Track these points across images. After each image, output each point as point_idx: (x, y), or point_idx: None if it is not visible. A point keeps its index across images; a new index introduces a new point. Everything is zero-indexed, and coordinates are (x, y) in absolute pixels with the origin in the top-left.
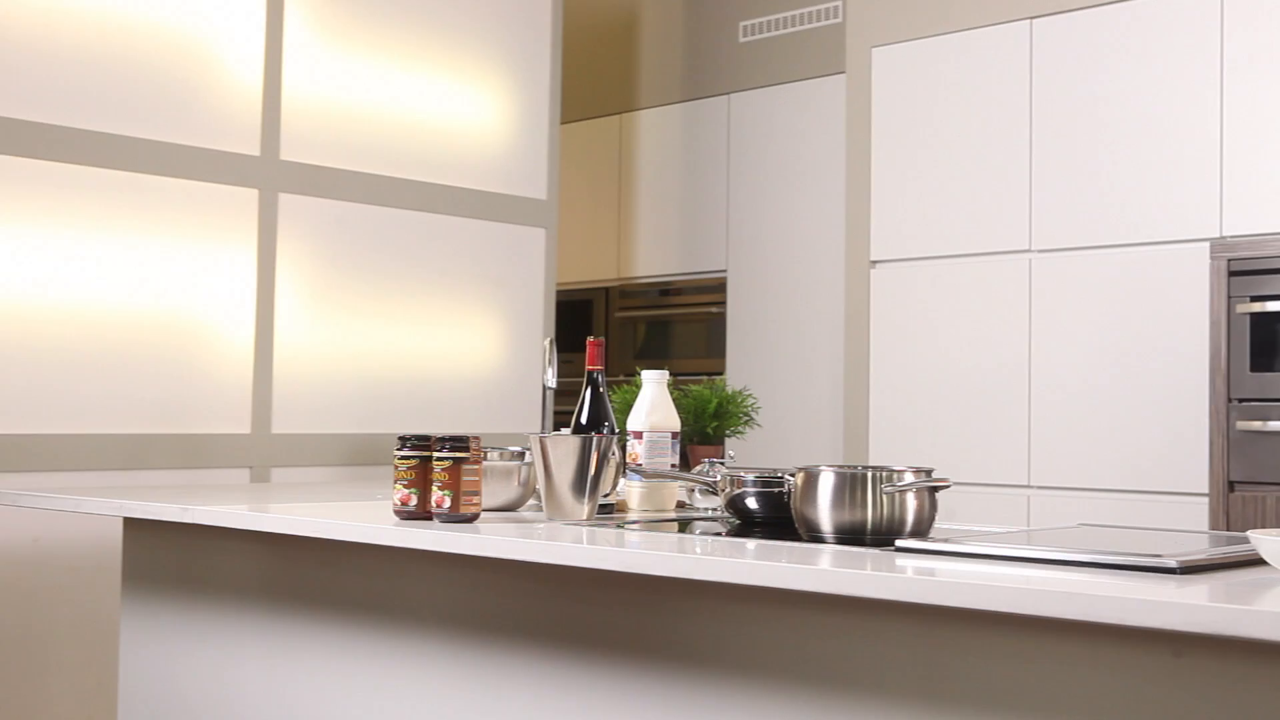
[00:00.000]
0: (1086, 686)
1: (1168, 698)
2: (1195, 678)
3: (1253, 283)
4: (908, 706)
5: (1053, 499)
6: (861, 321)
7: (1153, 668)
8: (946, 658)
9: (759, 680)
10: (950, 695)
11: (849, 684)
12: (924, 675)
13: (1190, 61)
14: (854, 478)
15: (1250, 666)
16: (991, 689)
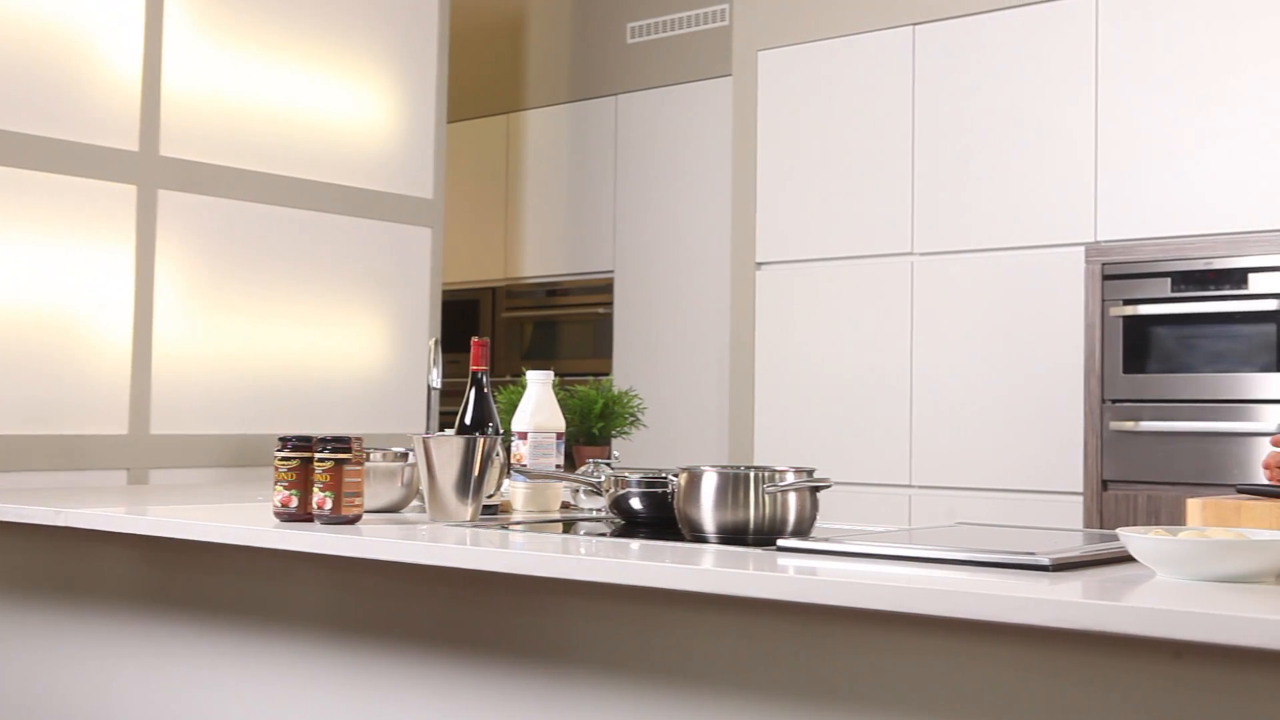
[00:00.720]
0: (965, 682)
1: (1042, 693)
2: (1067, 673)
3: (1125, 286)
4: (790, 705)
5: (933, 498)
6: (747, 323)
7: (1027, 663)
8: (828, 656)
9: (644, 680)
10: (832, 693)
11: (733, 683)
12: (806, 674)
13: (1066, 69)
14: (736, 478)
15: (1118, 661)
16: (872, 686)
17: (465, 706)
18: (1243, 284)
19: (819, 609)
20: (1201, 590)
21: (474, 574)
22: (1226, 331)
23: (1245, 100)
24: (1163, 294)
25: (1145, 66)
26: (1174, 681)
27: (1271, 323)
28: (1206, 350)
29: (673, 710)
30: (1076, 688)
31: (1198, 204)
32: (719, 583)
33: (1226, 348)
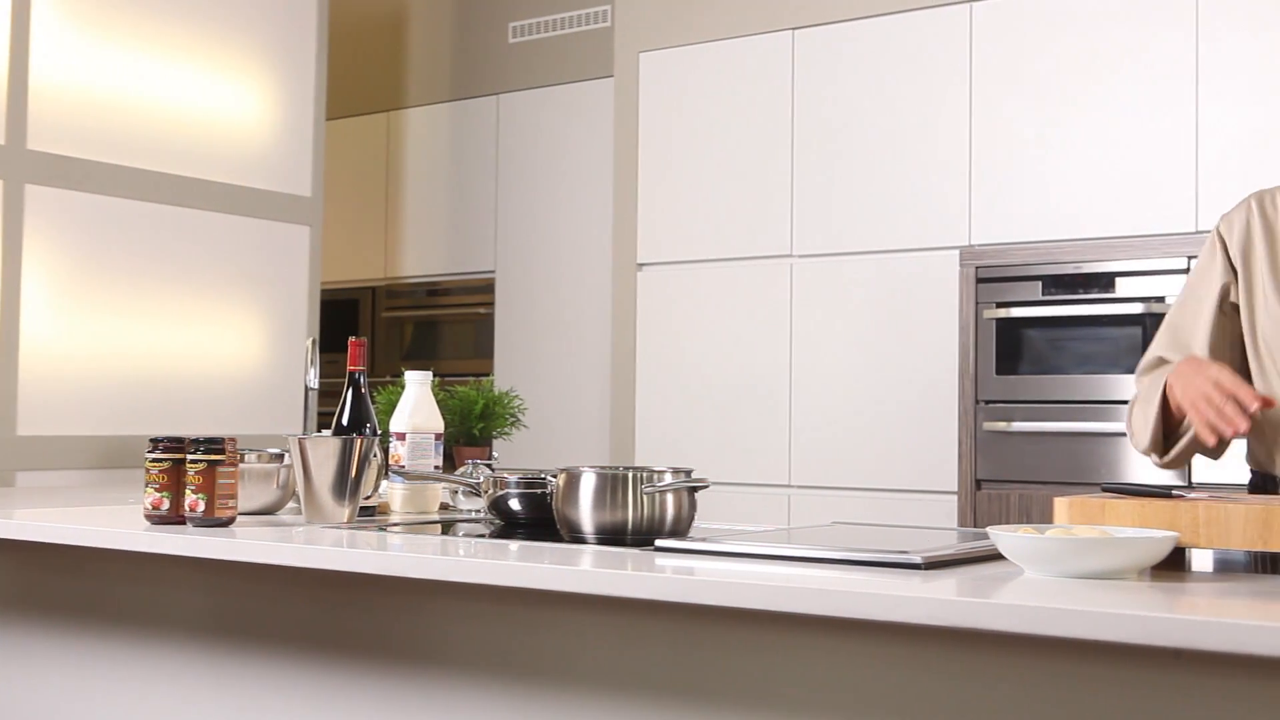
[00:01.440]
0: (841, 680)
1: (916, 689)
2: (939, 669)
3: (999, 289)
4: (668, 704)
5: (812, 498)
6: (628, 323)
7: (902, 660)
8: (705, 655)
9: (523, 681)
10: (710, 692)
11: (611, 683)
12: (684, 673)
13: (941, 76)
14: (614, 479)
15: (990, 657)
16: (749, 685)
17: (342, 710)
18: (1110, 288)
19: (696, 609)
20: (1067, 587)
21: (351, 576)
22: (1095, 334)
23: (1114, 109)
24: (1034, 297)
25: (1018, 74)
26: (1041, 677)
27: (1137, 326)
28: (1076, 352)
29: (551, 711)
30: (948, 683)
31: (1068, 210)
32: (597, 583)
33: (1095, 350)
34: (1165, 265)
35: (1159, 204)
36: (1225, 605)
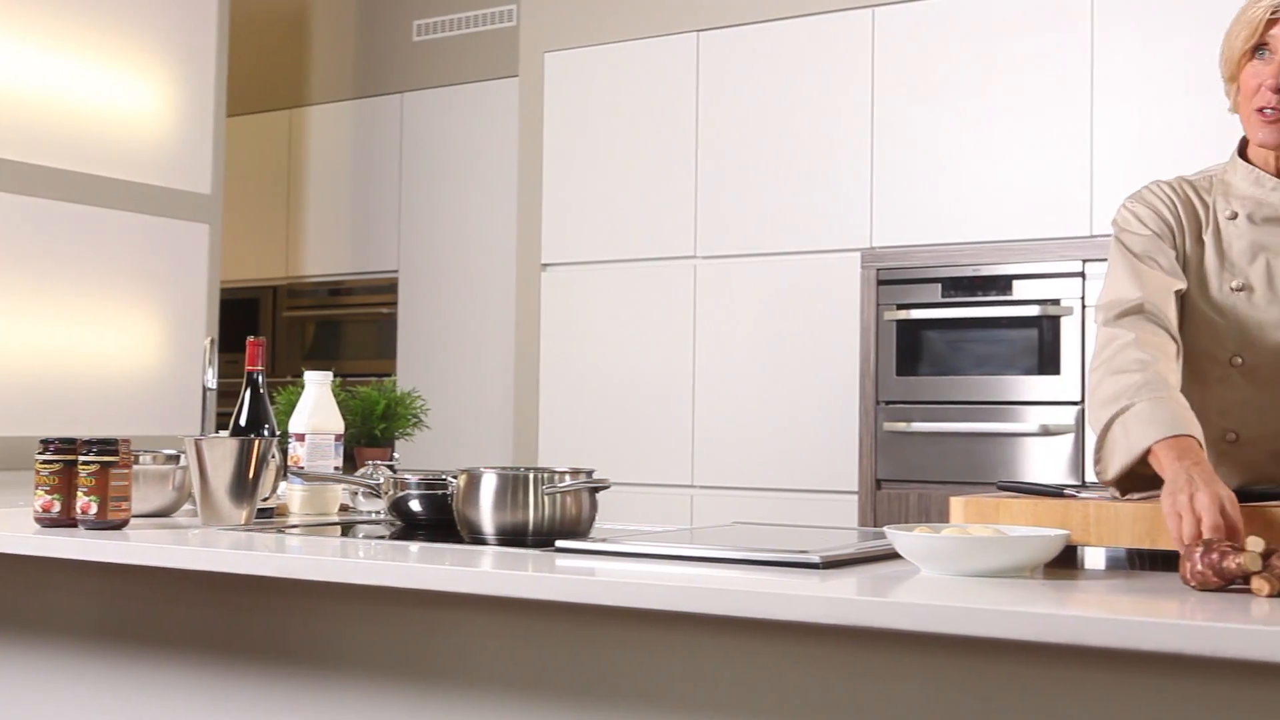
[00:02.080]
0: (741, 679)
1: (815, 687)
2: (837, 668)
3: (899, 291)
4: (570, 705)
5: (715, 498)
6: (532, 323)
7: (801, 659)
8: (606, 656)
9: (424, 683)
10: (611, 693)
11: (512, 685)
12: (585, 674)
13: (844, 80)
14: (515, 479)
15: (886, 655)
16: (650, 685)
17: (241, 715)
18: (1008, 290)
19: (597, 609)
20: (962, 585)
21: (248, 579)
22: (993, 336)
23: (1012, 114)
24: (933, 299)
25: (919, 79)
26: (937, 674)
27: (1034, 328)
28: (974, 354)
29: (452, 713)
30: (846, 682)
31: (967, 213)
32: (497, 584)
33: (993, 351)
34: (1061, 268)
35: (1055, 208)
36: (1114, 602)
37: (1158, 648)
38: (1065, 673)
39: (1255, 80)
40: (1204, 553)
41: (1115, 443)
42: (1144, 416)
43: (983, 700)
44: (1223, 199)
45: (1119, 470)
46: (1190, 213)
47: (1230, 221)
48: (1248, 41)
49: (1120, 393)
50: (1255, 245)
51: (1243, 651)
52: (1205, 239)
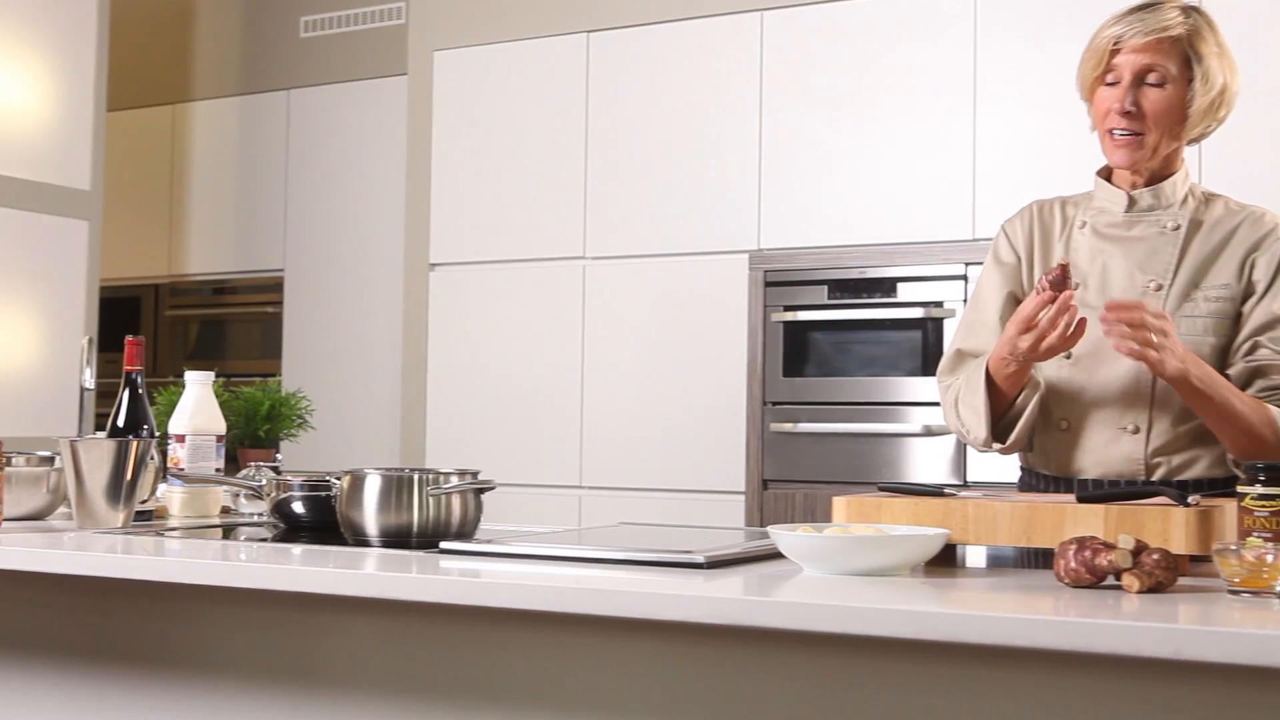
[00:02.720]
0: (626, 680)
1: (700, 687)
2: (723, 667)
3: (786, 293)
4: (455, 707)
5: (604, 499)
6: (420, 324)
7: (687, 658)
8: (492, 657)
9: (307, 687)
10: (496, 694)
11: (397, 687)
12: (471, 676)
13: (733, 82)
14: (399, 480)
15: (770, 654)
16: (536, 686)
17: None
18: (893, 292)
19: (482, 611)
20: (843, 584)
21: (125, 583)
22: (878, 337)
23: (898, 119)
24: (820, 301)
25: (806, 83)
26: (819, 672)
27: (918, 330)
28: (860, 355)
29: (337, 716)
30: (731, 680)
31: (853, 216)
32: (381, 587)
33: (878, 353)
34: (945, 271)
35: (939, 212)
36: (992, 600)
37: (1032, 644)
38: (945, 670)
39: (1105, 105)
40: (1077, 550)
41: (965, 404)
42: (969, 372)
43: (865, 698)
44: (1082, 211)
45: (985, 417)
46: (1045, 230)
47: (1080, 230)
48: (1096, 69)
49: (955, 391)
50: (1096, 249)
51: (1113, 647)
52: (1057, 246)
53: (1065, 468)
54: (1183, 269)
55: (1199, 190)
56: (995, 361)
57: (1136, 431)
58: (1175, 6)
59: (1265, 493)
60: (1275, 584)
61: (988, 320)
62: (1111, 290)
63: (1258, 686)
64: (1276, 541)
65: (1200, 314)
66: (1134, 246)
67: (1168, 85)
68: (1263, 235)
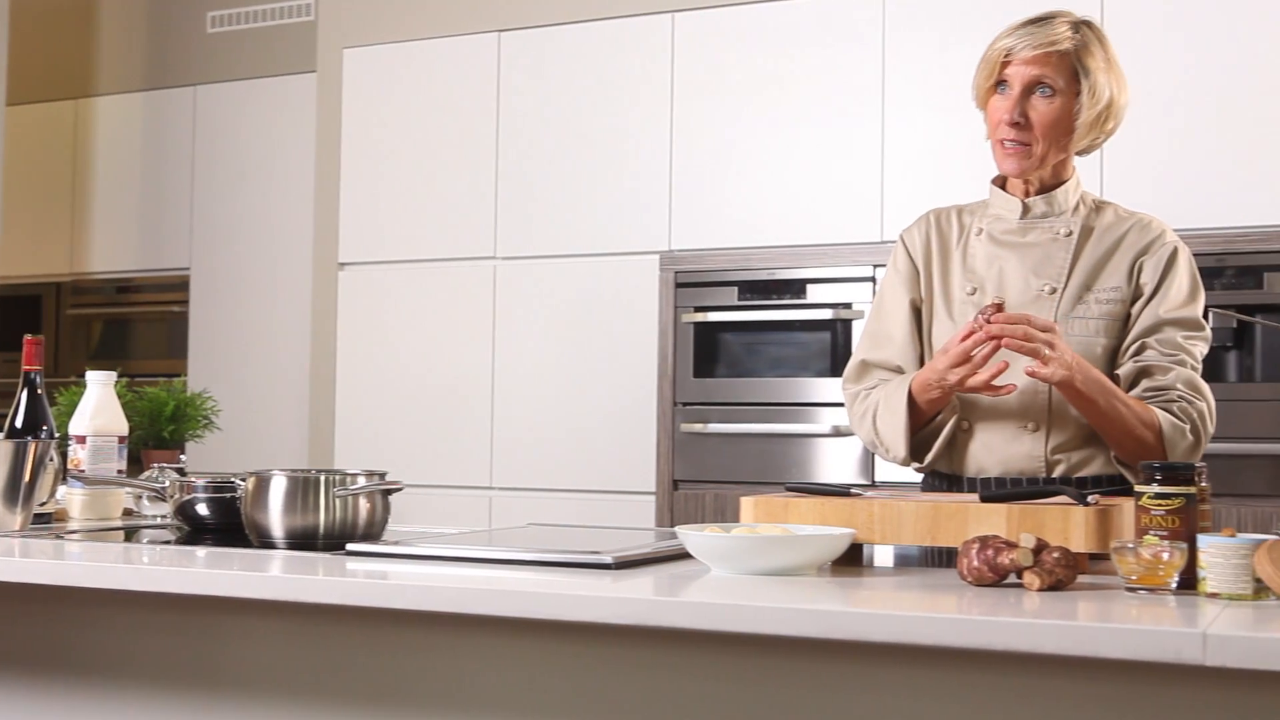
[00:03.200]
0: (535, 681)
1: (608, 687)
2: (631, 667)
3: (697, 294)
4: (364, 709)
5: (514, 499)
6: (328, 323)
7: (596, 659)
8: (400, 659)
9: (213, 692)
10: (404, 696)
11: (305, 690)
12: (378, 678)
13: (644, 83)
14: (305, 482)
15: (677, 654)
16: (444, 688)
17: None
18: (802, 294)
19: (389, 613)
20: (750, 584)
21: (24, 588)
22: (788, 338)
23: (807, 122)
24: (730, 302)
25: (717, 84)
26: (727, 671)
27: (827, 331)
28: (769, 356)
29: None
30: (639, 680)
31: (763, 218)
32: (287, 589)
33: (787, 354)
34: (853, 273)
35: (848, 214)
36: (896, 598)
37: (935, 642)
38: (851, 668)
39: (996, 115)
40: (980, 549)
41: (884, 422)
42: (888, 389)
43: (773, 696)
44: (979, 219)
45: (905, 433)
46: (943, 238)
47: (977, 237)
48: (988, 79)
49: (870, 406)
50: (992, 255)
51: (1014, 644)
52: (955, 253)
53: (968, 467)
54: (1075, 273)
55: (1089, 198)
56: (920, 386)
57: (1036, 430)
58: (1066, 20)
59: (1161, 492)
60: (1171, 581)
61: (891, 332)
62: (1008, 294)
63: (1154, 681)
64: (1172, 540)
65: (1092, 316)
66: (1028, 252)
67: (1056, 97)
68: (1150, 240)
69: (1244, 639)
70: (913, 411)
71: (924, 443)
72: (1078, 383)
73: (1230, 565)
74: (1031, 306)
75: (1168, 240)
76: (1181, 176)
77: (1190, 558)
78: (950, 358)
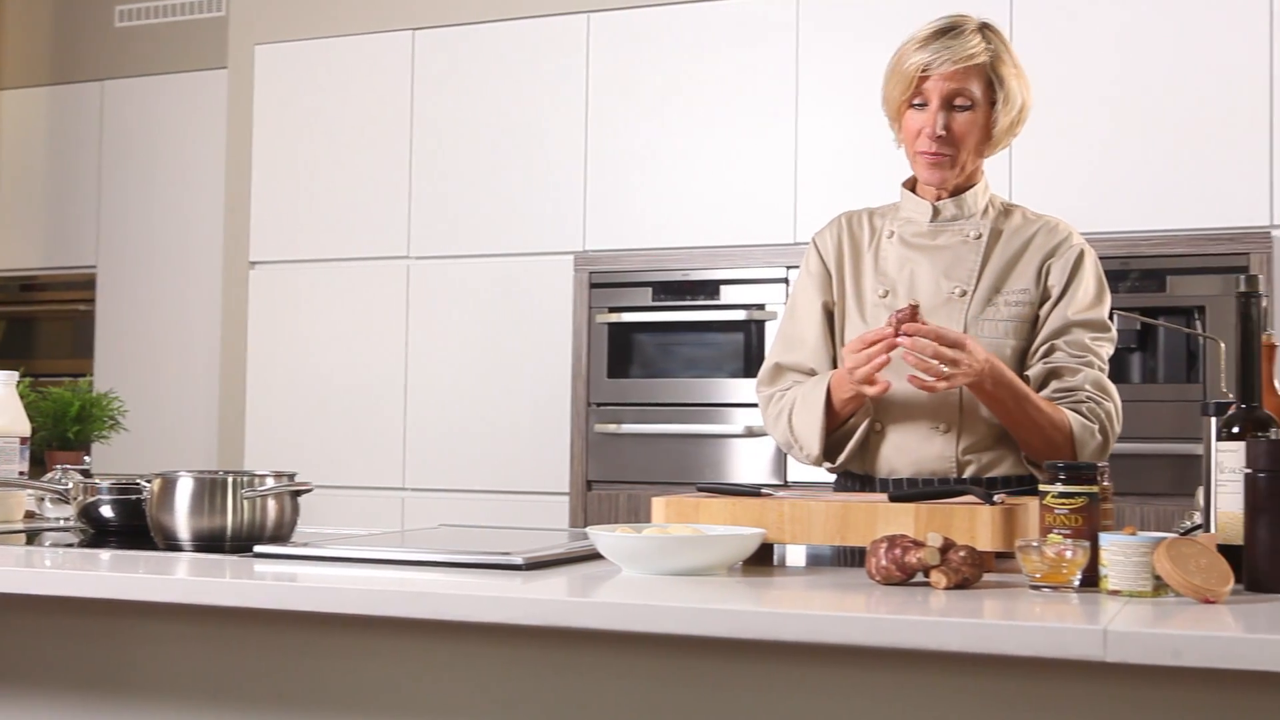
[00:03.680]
0: (445, 682)
1: (519, 688)
2: (542, 668)
3: (611, 294)
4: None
5: (428, 500)
6: (239, 323)
7: (506, 660)
8: (310, 662)
9: (120, 697)
10: (314, 700)
11: (213, 694)
12: (288, 681)
13: (560, 84)
14: (212, 483)
15: (588, 654)
16: (354, 691)
17: None
18: (715, 295)
19: (298, 615)
20: (661, 584)
21: None
22: (701, 339)
23: (722, 123)
24: (644, 302)
25: (632, 85)
26: (638, 671)
27: (741, 332)
28: (683, 356)
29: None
30: (551, 682)
31: (678, 219)
32: (193, 592)
33: (701, 354)
34: (767, 274)
35: (762, 215)
36: (806, 598)
37: (843, 641)
38: (762, 666)
39: (915, 126)
40: (888, 548)
41: (800, 420)
42: (805, 388)
43: (684, 695)
44: (890, 221)
45: (820, 430)
46: (854, 241)
47: (888, 240)
48: (904, 93)
49: (786, 405)
50: (903, 257)
51: (920, 642)
52: (867, 256)
53: (880, 468)
54: (985, 275)
55: (998, 200)
56: (837, 383)
57: (948, 430)
58: (974, 30)
59: (1065, 491)
60: (1074, 579)
61: (804, 335)
62: (920, 296)
63: (1057, 677)
64: (1076, 538)
65: (1001, 318)
66: (939, 255)
67: (974, 109)
68: (1058, 243)
69: (1143, 635)
70: (829, 410)
71: (838, 444)
72: (988, 386)
73: (1131, 563)
74: (943, 309)
75: (1074, 243)
76: (1088, 181)
77: (1093, 556)
78: (855, 358)
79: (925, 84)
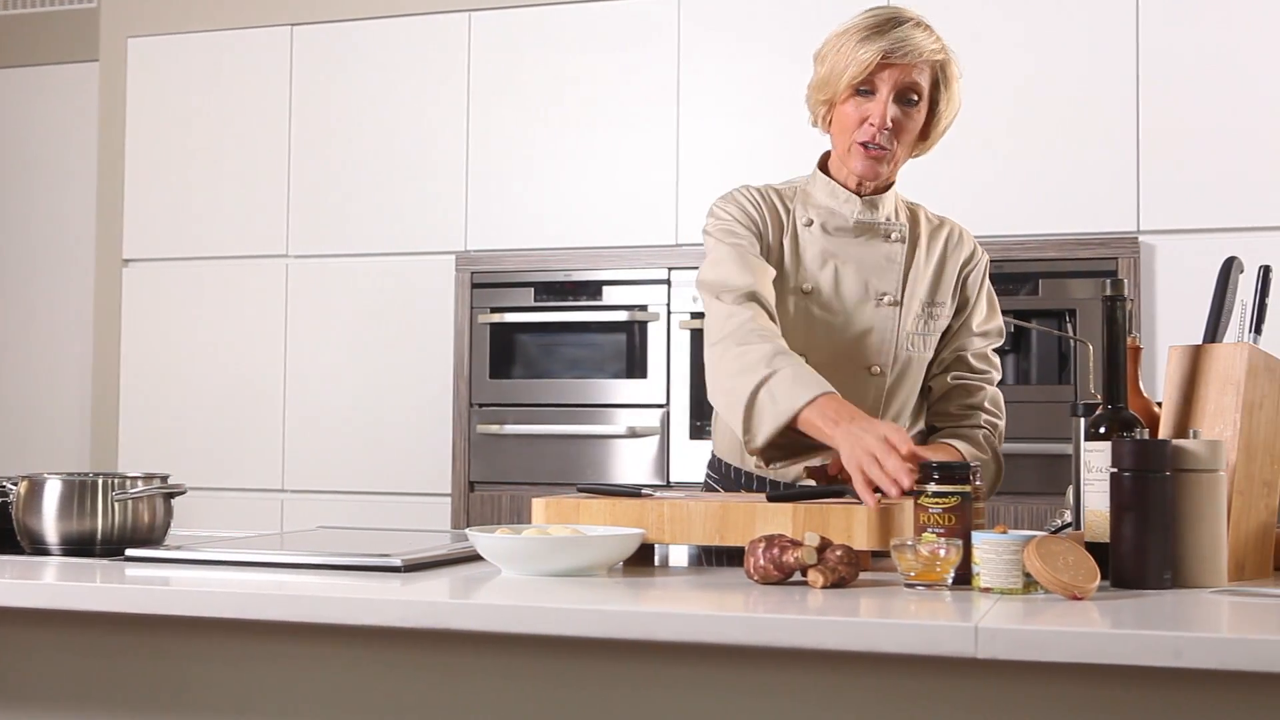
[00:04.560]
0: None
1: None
2: (421, 671)
3: (493, 295)
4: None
5: (307, 502)
6: (112, 322)
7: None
8: (184, 668)
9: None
10: (187, 706)
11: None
12: (160, 688)
13: (441, 82)
14: (82, 485)
15: (467, 656)
16: (232, 696)
17: None
18: (598, 296)
19: (172, 620)
20: (540, 585)
21: None
22: (584, 340)
23: (604, 124)
24: (526, 303)
25: (514, 85)
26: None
27: (623, 333)
28: (566, 357)
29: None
30: (430, 684)
31: (560, 219)
32: (62, 597)
33: (584, 355)
34: (649, 275)
35: (644, 216)
36: (685, 598)
37: (721, 640)
38: (641, 667)
39: (858, 115)
40: (766, 548)
41: (763, 409)
42: (788, 380)
43: (565, 697)
44: (802, 207)
45: (768, 435)
46: (775, 218)
47: (806, 229)
48: (854, 79)
49: (757, 361)
50: (826, 252)
51: (797, 641)
52: (784, 243)
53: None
54: (911, 285)
55: (902, 200)
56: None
57: None
58: (924, 25)
59: (939, 490)
60: (947, 577)
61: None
62: (845, 299)
63: (931, 674)
64: (949, 537)
65: (930, 332)
66: (865, 259)
67: (920, 105)
68: (970, 253)
69: (1013, 631)
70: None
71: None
72: None
73: (1002, 561)
74: (872, 315)
75: (981, 254)
76: (964, 185)
77: (965, 554)
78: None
79: (882, 73)
